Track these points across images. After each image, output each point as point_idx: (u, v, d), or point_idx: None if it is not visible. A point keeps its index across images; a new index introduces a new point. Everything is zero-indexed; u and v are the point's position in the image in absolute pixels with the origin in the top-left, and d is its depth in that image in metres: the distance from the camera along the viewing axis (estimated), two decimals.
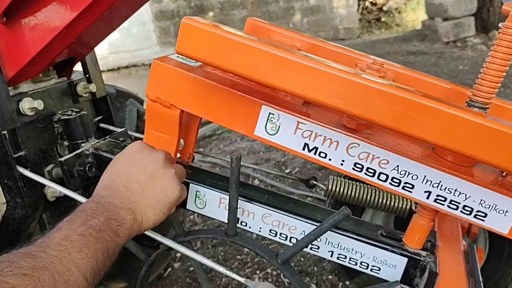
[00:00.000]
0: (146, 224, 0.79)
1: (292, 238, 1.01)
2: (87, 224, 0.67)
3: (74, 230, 0.65)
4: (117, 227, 0.71)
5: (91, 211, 0.70)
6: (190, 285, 2.01)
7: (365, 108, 0.71)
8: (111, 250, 0.68)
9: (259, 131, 0.91)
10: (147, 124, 1.01)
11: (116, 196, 0.77)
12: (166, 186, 0.83)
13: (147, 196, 0.80)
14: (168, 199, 0.82)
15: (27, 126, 1.07)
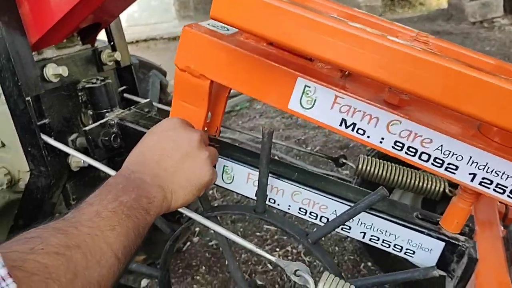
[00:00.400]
0: (174, 203, 0.76)
1: (323, 218, 0.98)
2: (118, 200, 0.63)
3: (105, 206, 0.62)
4: (148, 205, 0.68)
5: (121, 186, 0.67)
6: (209, 260, 2.00)
7: (415, 81, 0.65)
8: (142, 228, 0.65)
9: (293, 104, 0.86)
10: (175, 95, 0.97)
11: (147, 172, 0.73)
12: (198, 168, 0.79)
13: (179, 175, 0.76)
14: (198, 181, 0.78)
15: (51, 93, 1.04)
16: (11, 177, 1.13)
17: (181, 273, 1.94)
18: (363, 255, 1.84)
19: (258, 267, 1.90)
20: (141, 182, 0.70)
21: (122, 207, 0.63)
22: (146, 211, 0.67)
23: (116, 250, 0.58)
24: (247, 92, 0.89)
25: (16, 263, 0.46)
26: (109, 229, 0.59)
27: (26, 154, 1.01)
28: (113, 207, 0.62)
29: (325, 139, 3.15)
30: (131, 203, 0.64)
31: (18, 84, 0.94)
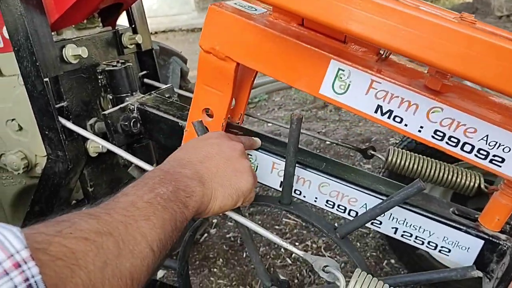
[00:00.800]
0: (213, 203, 0.71)
1: (352, 211, 0.92)
2: (155, 192, 0.60)
3: (141, 196, 0.58)
4: (186, 199, 0.64)
5: (158, 179, 0.63)
6: (226, 252, 1.96)
7: (465, 62, 0.59)
8: (179, 222, 0.61)
9: (325, 89, 0.81)
10: (198, 78, 0.92)
11: (188, 167, 0.70)
12: (240, 173, 0.75)
13: (221, 175, 0.73)
14: (240, 185, 0.74)
15: (70, 75, 1.00)
16: (28, 161, 1.10)
17: (198, 264, 1.90)
18: (386, 252, 1.78)
19: (276, 261, 1.85)
20: (180, 176, 0.67)
21: (159, 198, 0.60)
22: (184, 205, 0.63)
23: (151, 242, 0.55)
24: (276, 76, 0.84)
25: (40, 246, 0.42)
26: (144, 219, 0.55)
27: (44, 138, 0.98)
28: (149, 198, 0.59)
29: (346, 132, 3.08)
30: (168, 195, 0.61)
31: (36, 64, 0.90)
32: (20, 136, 1.09)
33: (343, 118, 3.44)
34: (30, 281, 0.37)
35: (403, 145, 1.47)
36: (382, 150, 2.74)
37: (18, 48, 0.90)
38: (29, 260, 0.37)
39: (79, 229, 0.48)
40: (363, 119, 3.35)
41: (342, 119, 3.39)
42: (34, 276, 0.37)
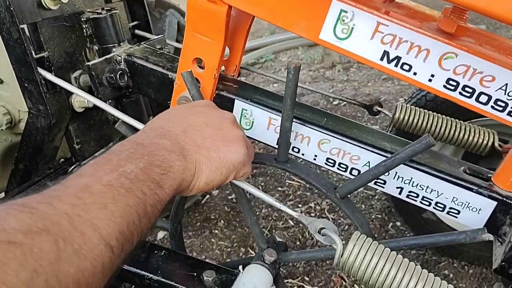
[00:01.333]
0: (197, 179, 0.59)
1: (354, 170, 0.85)
2: (119, 171, 0.48)
3: (99, 178, 0.47)
4: (161, 176, 0.52)
5: (126, 154, 0.52)
6: (228, 214, 1.92)
7: None
8: (151, 206, 0.49)
9: (326, 34, 0.72)
10: (187, 25, 0.84)
11: (167, 137, 0.58)
12: (232, 143, 0.63)
13: (207, 146, 0.61)
14: (230, 157, 0.62)
15: (51, 23, 0.92)
16: (11, 117, 1.04)
17: (199, 226, 1.87)
18: (391, 214, 1.73)
19: (278, 222, 1.81)
20: (157, 148, 0.55)
21: (123, 179, 0.48)
22: (158, 184, 0.51)
23: (107, 236, 0.43)
24: (271, 19, 0.75)
25: None
26: (98, 208, 0.44)
27: (23, 91, 0.91)
28: (110, 180, 0.47)
29: (354, 92, 2.98)
30: (136, 174, 0.49)
31: (10, 9, 0.82)
32: (1, 90, 1.03)
33: (351, 78, 3.33)
34: None
35: (412, 102, 1.38)
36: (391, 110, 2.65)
37: None
38: None
39: (2, 229, 0.36)
40: (372, 79, 3.23)
41: (350, 79, 3.28)
42: None
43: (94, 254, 0.41)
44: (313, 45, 4.30)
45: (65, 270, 0.38)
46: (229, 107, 0.89)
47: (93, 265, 0.41)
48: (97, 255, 0.41)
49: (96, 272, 0.41)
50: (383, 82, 3.16)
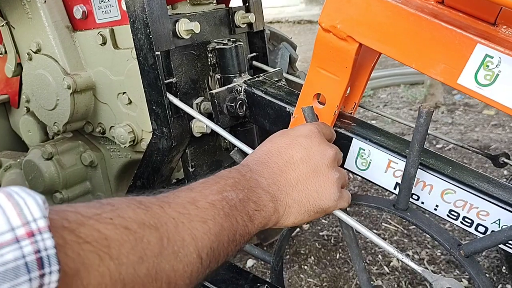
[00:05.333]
0: (284, 220, 0.63)
1: (480, 226, 0.78)
2: (223, 194, 0.54)
3: (205, 196, 0.53)
4: (254, 212, 0.57)
5: (232, 181, 0.57)
6: (319, 251, 1.88)
7: None
8: (240, 236, 0.54)
9: (465, 79, 0.68)
10: (313, 60, 0.84)
11: (265, 175, 0.62)
12: (324, 188, 0.65)
13: (299, 189, 0.64)
14: (319, 203, 0.65)
15: (181, 51, 0.98)
16: (135, 135, 1.11)
17: (288, 259, 1.84)
18: (501, 275, 1.56)
19: (373, 267, 1.72)
20: (255, 185, 0.60)
21: (224, 203, 0.53)
22: (250, 218, 0.56)
23: (200, 248, 0.48)
24: (405, 60, 0.73)
25: (70, 225, 0.37)
26: (199, 221, 0.49)
27: (151, 113, 0.97)
28: (214, 200, 0.52)
29: (460, 137, 2.81)
30: (235, 202, 0.55)
31: (149, 37, 0.88)
32: (129, 110, 1.10)
33: (456, 121, 3.14)
34: (41, 254, 0.32)
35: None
36: None
37: (133, 20, 0.89)
38: (45, 230, 0.32)
39: (121, 216, 0.42)
40: (480, 124, 3.03)
41: (455, 123, 3.10)
42: (48, 249, 0.32)
43: (187, 260, 0.46)
44: (415, 84, 4.15)
45: (162, 265, 0.43)
46: (346, 145, 0.87)
47: (184, 269, 0.46)
48: (189, 262, 0.47)
49: (185, 277, 0.46)
50: (493, 128, 2.94)
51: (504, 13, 0.69)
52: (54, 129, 1.23)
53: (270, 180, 0.62)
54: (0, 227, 0.31)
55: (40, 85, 1.20)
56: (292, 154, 0.65)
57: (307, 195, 0.64)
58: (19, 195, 0.33)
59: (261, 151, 0.67)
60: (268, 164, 0.64)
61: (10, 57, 1.25)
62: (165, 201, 0.49)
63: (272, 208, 0.60)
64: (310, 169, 0.65)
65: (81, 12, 1.11)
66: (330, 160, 0.67)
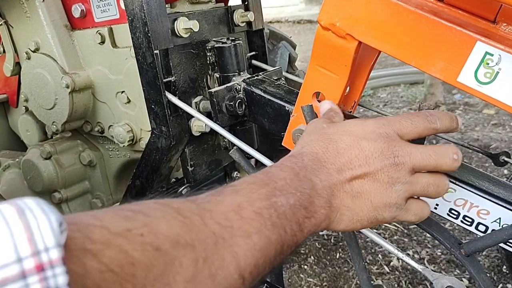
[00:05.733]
0: (334, 226, 0.56)
1: (480, 225, 0.78)
2: (271, 201, 0.47)
3: (252, 202, 0.46)
4: (304, 219, 0.49)
5: (282, 183, 0.50)
6: (319, 250, 1.88)
7: None
8: (287, 247, 0.47)
9: (465, 77, 0.68)
10: (312, 59, 0.84)
11: (321, 176, 0.54)
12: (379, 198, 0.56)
13: (353, 196, 0.56)
14: (373, 213, 0.56)
15: (180, 50, 0.97)
16: (133, 135, 1.10)
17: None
18: (502, 275, 1.56)
19: (373, 267, 1.72)
20: (309, 187, 0.51)
21: (272, 211, 0.46)
22: (300, 227, 0.48)
23: (243, 267, 0.41)
24: (405, 58, 0.72)
25: (94, 246, 0.32)
26: (243, 236, 0.42)
27: (149, 112, 0.96)
28: (261, 207, 0.45)
29: (461, 136, 2.80)
30: (285, 210, 0.47)
31: (148, 35, 0.88)
32: (127, 109, 1.10)
33: None
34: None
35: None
36: None
37: (132, 18, 0.89)
38: (58, 264, 0.27)
39: (154, 232, 0.36)
40: (480, 123, 3.02)
41: None
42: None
43: (227, 283, 0.40)
44: (414, 83, 4.15)
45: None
46: None
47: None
48: (230, 284, 0.40)
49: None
50: (493, 128, 2.93)
51: (504, 11, 0.68)
52: (52, 128, 1.22)
53: (325, 183, 0.54)
54: (6, 256, 0.26)
55: (39, 84, 1.20)
56: (351, 158, 0.56)
57: (361, 203, 0.56)
58: (33, 213, 0.28)
59: (317, 145, 0.58)
60: (325, 164, 0.56)
61: (9, 56, 1.25)
62: (206, 209, 0.43)
63: (324, 215, 0.53)
64: (367, 175, 0.56)
65: (80, 11, 1.11)
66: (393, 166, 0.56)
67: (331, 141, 0.58)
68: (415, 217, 0.60)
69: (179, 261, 0.37)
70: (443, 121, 0.61)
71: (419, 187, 0.57)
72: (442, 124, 0.60)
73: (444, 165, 0.57)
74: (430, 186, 0.58)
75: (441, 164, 0.57)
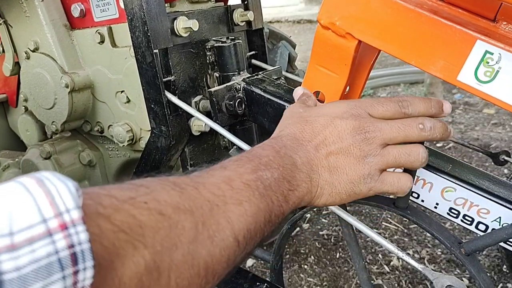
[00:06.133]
0: (315, 200, 0.60)
1: (480, 224, 0.78)
2: (257, 174, 0.51)
3: (240, 175, 0.50)
4: (288, 191, 0.55)
5: (266, 160, 0.54)
6: (319, 250, 1.87)
7: None
8: (275, 216, 0.52)
9: (465, 75, 0.67)
10: (312, 58, 0.84)
11: (300, 153, 0.59)
12: (353, 170, 0.60)
13: (330, 170, 0.60)
14: (349, 186, 0.60)
15: (180, 49, 0.97)
16: (133, 134, 1.10)
17: (288, 259, 1.84)
18: (502, 275, 1.56)
19: (373, 267, 1.71)
20: (290, 163, 0.56)
21: (259, 183, 0.51)
22: (285, 198, 0.54)
23: (237, 231, 0.46)
24: (405, 57, 0.72)
25: (105, 211, 0.36)
26: (235, 203, 0.47)
27: (149, 112, 0.96)
28: (249, 179, 0.50)
29: (461, 136, 2.80)
30: (270, 182, 0.52)
31: (147, 35, 0.88)
32: (127, 108, 1.10)
33: (456, 120, 3.13)
34: (75, 249, 0.29)
35: None
36: None
37: (131, 18, 0.89)
38: (79, 222, 0.30)
39: (156, 199, 0.41)
40: (480, 123, 3.02)
41: (455, 121, 3.10)
42: (82, 244, 0.30)
43: (224, 244, 0.45)
44: (414, 83, 4.15)
45: (198, 250, 0.42)
46: None
47: (221, 254, 0.44)
48: (226, 246, 0.45)
49: (222, 262, 0.45)
50: (493, 127, 2.93)
51: (504, 9, 0.68)
52: (52, 128, 1.22)
53: (304, 159, 0.59)
54: (32, 218, 0.29)
55: (38, 84, 1.20)
56: (326, 135, 0.61)
57: (338, 176, 0.60)
58: (51, 181, 0.31)
59: (294, 127, 0.63)
60: (302, 142, 0.60)
61: (8, 56, 1.25)
62: (200, 182, 0.47)
63: (305, 188, 0.57)
64: (341, 150, 0.60)
65: (79, 11, 1.11)
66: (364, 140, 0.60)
67: (307, 123, 0.63)
68: (391, 188, 0.63)
69: (182, 225, 0.41)
70: (416, 107, 0.63)
71: (391, 157, 0.61)
72: (414, 109, 0.63)
73: (412, 134, 0.61)
74: (402, 155, 0.61)
75: (410, 134, 0.61)
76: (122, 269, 0.35)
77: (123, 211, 0.37)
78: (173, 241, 0.40)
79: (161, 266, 0.38)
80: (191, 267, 0.41)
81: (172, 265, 0.39)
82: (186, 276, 0.41)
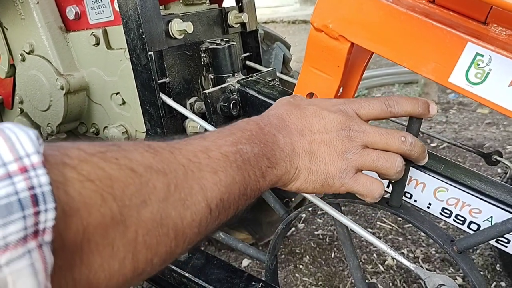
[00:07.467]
0: (291, 182, 0.61)
1: (472, 224, 0.79)
2: (237, 147, 0.52)
3: (219, 146, 0.50)
4: (267, 168, 0.55)
5: (248, 134, 0.55)
6: (314, 250, 1.88)
7: None
8: (251, 190, 0.52)
9: (456, 77, 0.69)
10: (305, 60, 0.84)
11: (284, 132, 0.60)
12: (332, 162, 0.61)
13: (310, 156, 0.61)
14: (325, 176, 0.61)
15: (174, 51, 0.98)
16: (129, 136, 1.11)
17: (283, 259, 1.84)
18: (495, 273, 1.57)
19: (367, 266, 1.73)
20: (272, 140, 0.57)
21: (238, 156, 0.51)
22: (262, 174, 0.54)
23: (209, 198, 0.46)
24: (397, 59, 0.73)
25: (71, 161, 0.35)
26: (210, 171, 0.47)
27: (144, 113, 0.97)
28: (227, 151, 0.50)
29: (455, 135, 2.82)
30: (249, 157, 0.52)
31: (142, 37, 0.88)
32: (122, 110, 1.10)
33: (450, 120, 3.16)
34: (35, 191, 0.29)
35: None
36: None
37: (126, 20, 0.89)
38: (39, 166, 0.30)
39: (128, 157, 0.40)
40: (474, 122, 3.04)
41: (449, 121, 3.12)
42: (42, 186, 0.30)
43: (195, 209, 0.44)
44: (409, 83, 4.17)
45: (168, 211, 0.42)
46: None
47: (192, 218, 0.44)
48: (197, 210, 0.45)
49: (193, 226, 0.45)
50: (487, 127, 2.95)
51: (494, 12, 0.69)
52: (47, 130, 1.22)
53: (287, 139, 0.59)
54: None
55: (34, 86, 1.20)
56: (312, 123, 0.62)
57: (316, 164, 0.61)
58: (11, 130, 0.31)
59: (283, 109, 0.64)
60: (288, 124, 0.62)
61: (3, 58, 1.25)
62: (176, 147, 0.47)
63: (284, 168, 0.58)
64: (324, 140, 0.61)
65: (74, 13, 1.11)
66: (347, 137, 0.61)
67: (296, 107, 0.64)
68: (362, 189, 0.63)
69: (153, 183, 0.41)
70: (402, 106, 0.65)
71: (369, 158, 0.62)
72: (400, 109, 0.65)
73: (393, 143, 0.62)
74: (380, 159, 0.62)
75: (391, 143, 0.62)
76: (88, 219, 0.34)
77: (91, 163, 0.36)
78: (142, 198, 0.39)
79: (127, 220, 0.38)
80: (160, 226, 0.41)
81: (140, 221, 0.39)
82: (155, 234, 0.40)
